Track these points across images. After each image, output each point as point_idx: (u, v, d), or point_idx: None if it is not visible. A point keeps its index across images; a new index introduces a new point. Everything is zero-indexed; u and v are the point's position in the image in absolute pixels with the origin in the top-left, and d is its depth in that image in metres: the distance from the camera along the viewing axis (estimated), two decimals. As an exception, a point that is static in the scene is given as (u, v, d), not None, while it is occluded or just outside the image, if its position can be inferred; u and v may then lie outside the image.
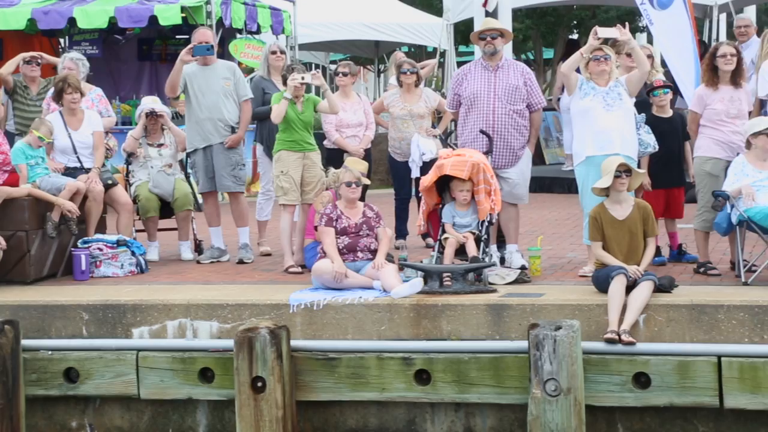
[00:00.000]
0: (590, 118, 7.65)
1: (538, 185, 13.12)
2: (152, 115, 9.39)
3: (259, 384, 6.90)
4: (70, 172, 8.87)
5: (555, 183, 14.30)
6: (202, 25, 14.27)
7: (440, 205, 7.90)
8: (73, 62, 9.68)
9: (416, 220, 9.53)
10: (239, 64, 17.53)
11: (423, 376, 6.91)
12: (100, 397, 7.38)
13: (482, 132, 8.02)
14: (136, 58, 16.77)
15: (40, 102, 10.30)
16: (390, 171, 9.97)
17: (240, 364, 6.91)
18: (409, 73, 9.53)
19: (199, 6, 14.08)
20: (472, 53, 29.29)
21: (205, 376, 7.20)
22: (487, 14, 10.26)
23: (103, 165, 9.04)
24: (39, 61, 10.59)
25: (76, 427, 7.50)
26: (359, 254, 7.68)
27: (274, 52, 9.64)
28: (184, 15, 14.01)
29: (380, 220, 7.84)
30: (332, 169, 8.10)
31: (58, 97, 8.94)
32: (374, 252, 7.71)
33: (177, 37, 16.58)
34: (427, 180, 7.71)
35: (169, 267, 8.95)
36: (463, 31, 21.94)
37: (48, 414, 7.49)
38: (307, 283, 7.85)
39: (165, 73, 16.99)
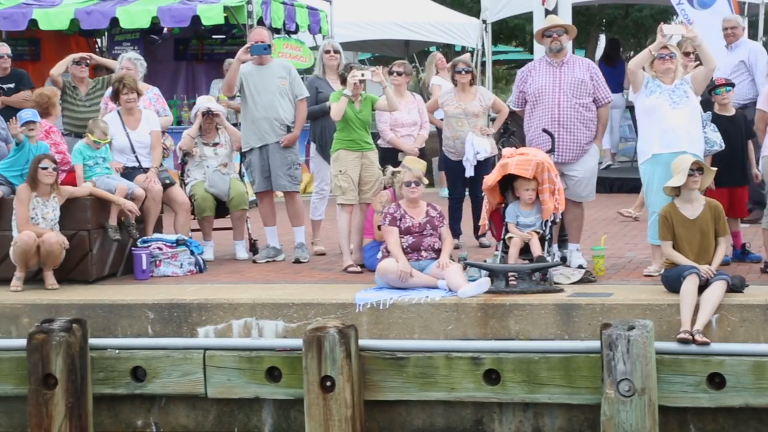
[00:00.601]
0: (657, 116, 7.62)
1: (608, 186, 13.09)
2: (208, 115, 9.41)
3: (328, 383, 6.91)
4: (129, 171, 8.90)
5: (599, 182, 14.24)
6: (244, 24, 14.38)
7: (503, 205, 7.89)
8: (131, 62, 9.71)
9: (469, 219, 9.65)
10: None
11: (492, 376, 6.90)
12: (166, 396, 7.40)
13: (545, 131, 8.01)
14: (172, 58, 16.81)
15: (89, 102, 10.35)
16: (444, 170, 9.94)
17: (309, 364, 6.91)
18: (464, 72, 9.51)
19: (241, 6, 14.10)
20: (506, 52, 29.31)
21: (272, 375, 7.20)
22: (547, 12, 10.22)
23: (161, 164, 9.08)
24: (88, 61, 10.63)
25: (142, 425, 7.53)
26: (423, 253, 7.67)
27: (327, 52, 9.64)
28: (225, 15, 14.07)
29: (443, 219, 7.83)
30: (390, 168, 8.09)
31: (114, 97, 8.97)
32: (438, 251, 7.70)
33: (213, 36, 16.64)
34: (491, 179, 7.69)
35: (226, 266, 8.97)
36: (495, 30, 21.95)
37: (114, 413, 7.52)
38: (367, 283, 7.86)
39: (201, 73, 17.26)
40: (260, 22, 14.83)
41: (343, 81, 8.68)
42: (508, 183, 7.83)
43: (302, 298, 7.45)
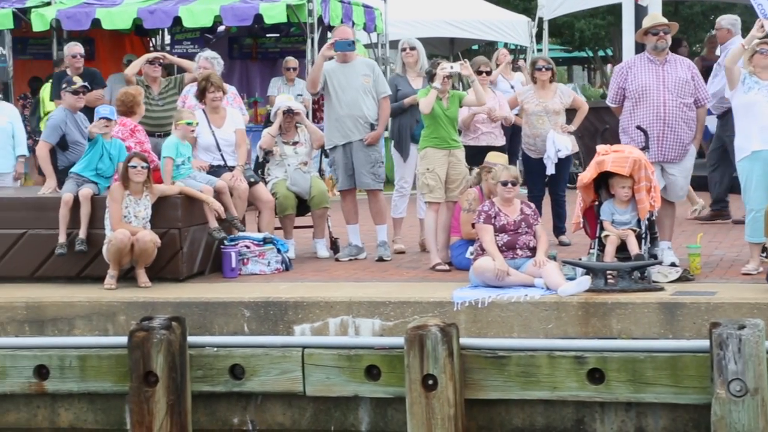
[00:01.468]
0: (756, 112, 7.56)
1: None
2: (288, 113, 9.43)
3: (430, 382, 6.89)
4: (214, 170, 8.93)
5: None
6: (304, 22, 14.40)
7: (596, 203, 7.85)
8: (208, 61, 9.75)
9: (550, 218, 9.61)
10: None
11: (596, 375, 6.85)
12: (262, 393, 7.40)
13: (639, 128, 7.96)
14: (227, 57, 16.79)
15: (161, 102, 10.39)
16: (524, 168, 9.91)
17: (411, 362, 6.90)
18: (544, 69, 9.47)
19: (302, 4, 14.13)
20: (552, 50, 29.18)
21: (371, 373, 7.19)
22: (639, 9, 10.16)
23: (246, 163, 9.11)
24: (161, 61, 10.68)
25: (238, 423, 7.54)
26: (518, 252, 7.64)
27: (404, 49, 9.62)
28: (286, 13, 14.10)
29: (538, 217, 7.80)
30: (475, 169, 8.07)
31: (201, 96, 9.00)
32: (533, 249, 7.67)
33: (268, 35, 16.69)
34: (587, 176, 7.64)
35: (310, 264, 8.98)
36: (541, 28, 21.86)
37: (210, 410, 7.54)
38: (458, 281, 7.84)
39: (255, 71, 17.30)
40: (320, 20, 14.90)
41: (431, 77, 8.66)
42: (601, 180, 7.80)
43: (399, 296, 7.44)
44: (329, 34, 16.18)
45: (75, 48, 11.83)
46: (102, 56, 16.80)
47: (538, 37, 20.34)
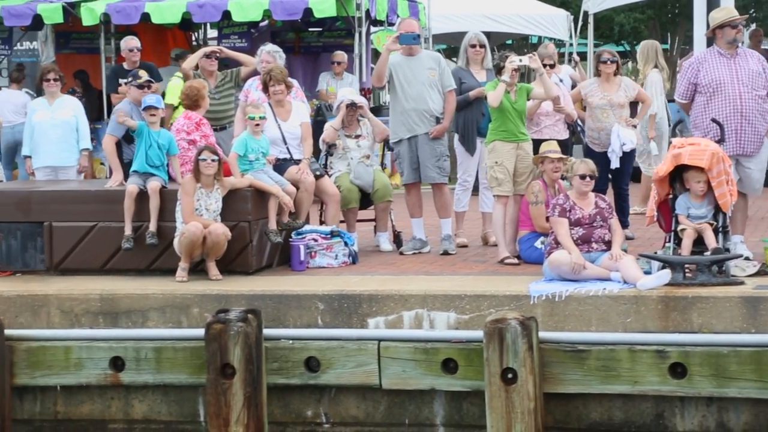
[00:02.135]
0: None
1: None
2: (351, 107, 9.41)
3: (510, 375, 6.85)
4: (280, 163, 8.92)
5: None
6: (352, 16, 14.39)
7: (671, 196, 7.79)
8: (270, 55, 9.73)
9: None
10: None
11: (678, 370, 6.78)
12: (339, 386, 7.39)
13: (714, 121, 7.90)
14: (269, 52, 16.84)
15: (218, 95, 10.39)
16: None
17: (490, 356, 6.87)
18: (609, 62, 9.41)
19: (351, -2, 14.13)
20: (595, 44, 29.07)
21: (448, 366, 7.16)
22: (711, 3, 10.07)
23: (313, 156, 9.10)
24: (218, 55, 10.69)
25: (312, 416, 7.53)
26: (594, 245, 7.61)
27: (473, 46, 9.56)
28: (336, 7, 14.07)
29: (612, 210, 7.76)
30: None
31: (265, 89, 9.00)
32: (608, 243, 7.63)
33: (310, 29, 16.66)
34: (663, 170, 7.59)
35: (375, 258, 8.97)
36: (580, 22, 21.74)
37: (284, 403, 7.53)
38: (528, 275, 7.82)
39: (298, 65, 17.25)
40: (367, 14, 14.89)
41: (499, 70, 8.62)
42: (675, 174, 7.74)
43: (474, 289, 7.42)
44: (373, 29, 16.26)
45: (132, 42, 11.89)
46: (145, 50, 16.70)
47: (581, 32, 20.26)
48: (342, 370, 7.30)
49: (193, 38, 17.60)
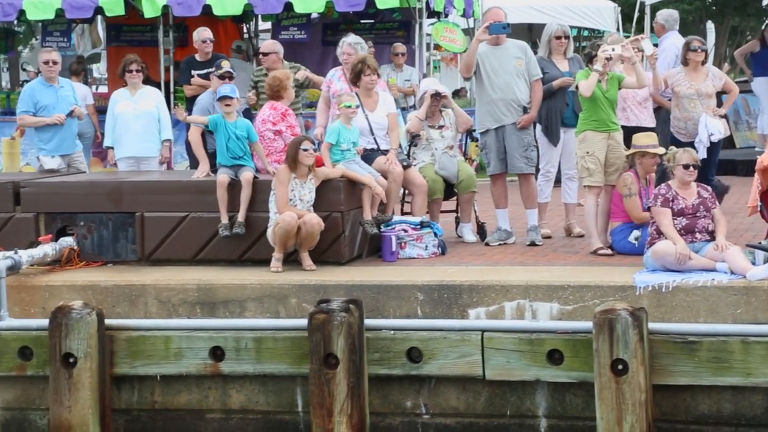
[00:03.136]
0: None
1: (730, 169, 12.80)
2: (436, 97, 9.35)
3: (620, 367, 6.79)
4: (368, 153, 8.87)
5: (747, 166, 13.96)
6: (413, 8, 14.34)
7: (774, 186, 7.71)
8: (352, 47, 9.65)
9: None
10: (437, 47, 17.61)
11: (791, 361, 6.75)
12: (440, 377, 7.34)
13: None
14: (320, 43, 16.79)
15: None
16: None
17: (600, 347, 6.81)
18: (699, 50, 9.29)
19: (412, -12, 14.07)
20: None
21: (553, 357, 7.10)
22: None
23: (400, 146, 9.05)
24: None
25: (411, 407, 7.48)
26: (697, 235, 7.52)
27: (558, 38, 9.47)
28: (398, -2, 14.03)
29: (715, 200, 7.67)
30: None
31: (355, 79, 8.95)
32: (711, 233, 7.54)
33: (362, 21, 16.61)
34: (767, 159, 7.51)
35: (463, 249, 8.90)
36: (626, 14, 21.61)
37: (383, 393, 7.48)
38: (624, 265, 7.75)
39: (349, 58, 17.22)
40: (427, 6, 14.84)
41: (590, 59, 8.54)
42: (777, 163, 7.66)
43: (578, 280, 7.35)
44: (429, 21, 16.19)
45: (204, 33, 11.86)
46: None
47: (625, 24, 20.12)
48: (444, 361, 7.25)
49: (245, 30, 17.62)
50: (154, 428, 7.73)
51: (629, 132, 9.04)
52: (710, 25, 25.54)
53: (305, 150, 7.98)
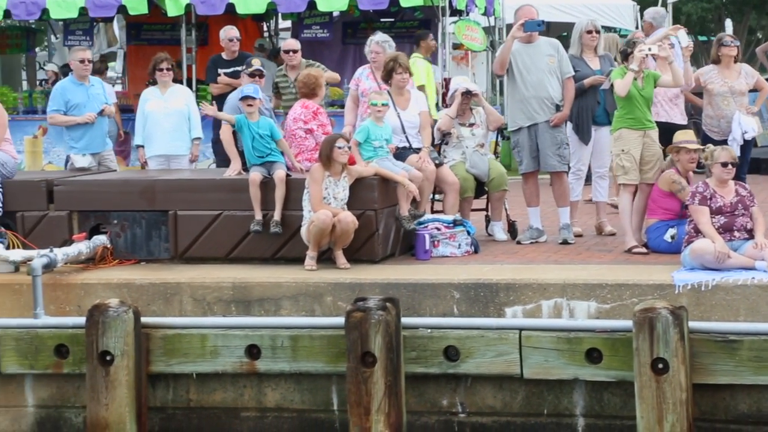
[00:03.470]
0: None
1: (754, 167, 12.67)
2: (467, 95, 9.32)
3: (660, 366, 6.76)
4: (399, 152, 8.85)
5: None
6: (437, 6, 14.31)
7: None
8: (380, 45, 9.62)
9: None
10: (460, 45, 17.57)
11: (834, 360, 6.71)
12: (476, 376, 7.31)
13: None
14: (340, 41, 16.77)
15: (294, 89, 10.47)
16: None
17: (640, 345, 6.78)
18: (732, 44, 9.23)
19: (436, -13, 14.04)
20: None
21: (591, 356, 7.07)
22: None
23: (432, 143, 9.02)
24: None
25: (447, 405, 7.46)
26: (735, 234, 7.48)
27: (589, 32, 9.45)
28: (422, -3, 13.99)
29: (754, 198, 7.63)
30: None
31: (387, 77, 8.92)
32: (749, 231, 7.50)
33: (382, 20, 16.58)
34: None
35: (495, 247, 8.86)
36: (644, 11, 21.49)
37: (419, 392, 7.46)
38: (661, 264, 7.70)
39: (369, 56, 17.19)
40: (450, 4, 14.81)
41: (626, 56, 8.51)
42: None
43: (615, 278, 7.31)
44: (450, 19, 16.15)
45: (231, 32, 11.86)
46: (215, 41, 16.62)
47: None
48: (482, 360, 7.23)
49: (265, 28, 17.60)
50: (189, 426, 7.72)
51: (660, 128, 9.02)
52: (728, 23, 25.47)
53: (340, 148, 7.96)
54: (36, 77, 21.33)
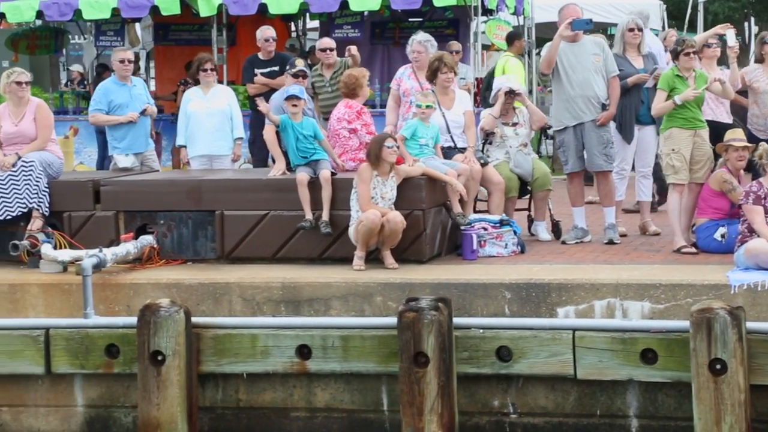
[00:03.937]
0: None
1: None
2: (510, 94, 9.28)
3: (718, 366, 6.71)
4: (444, 151, 8.81)
5: None
6: (469, 5, 14.26)
7: None
8: (422, 45, 9.57)
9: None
10: (491, 45, 17.53)
11: None
12: (528, 376, 7.27)
13: None
14: (368, 41, 16.72)
15: (330, 87, 10.59)
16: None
17: (698, 346, 6.73)
18: (777, 43, 9.19)
19: (466, -12, 13.99)
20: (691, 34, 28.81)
21: (646, 357, 7.03)
22: None
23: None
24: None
25: (498, 406, 7.43)
26: (790, 233, 7.44)
27: (631, 30, 9.40)
28: (455, -4, 13.95)
29: (809, 197, 7.58)
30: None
31: (432, 76, 8.89)
32: (805, 231, 7.45)
33: (410, 20, 16.54)
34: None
35: (542, 247, 8.82)
36: (671, 12, 21.44)
37: (470, 392, 7.43)
38: (712, 264, 7.67)
39: (398, 56, 17.03)
40: (481, 4, 14.76)
41: (675, 55, 8.46)
42: None
43: (669, 278, 7.26)
44: (480, 19, 16.10)
45: (267, 32, 11.85)
46: (243, 41, 16.68)
47: (690, 22, 19.93)
48: (535, 360, 7.19)
49: (293, 28, 17.58)
50: (238, 426, 7.72)
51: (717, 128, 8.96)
52: (750, 23, 25.34)
53: (389, 147, 7.93)
54: (59, 78, 21.40)
